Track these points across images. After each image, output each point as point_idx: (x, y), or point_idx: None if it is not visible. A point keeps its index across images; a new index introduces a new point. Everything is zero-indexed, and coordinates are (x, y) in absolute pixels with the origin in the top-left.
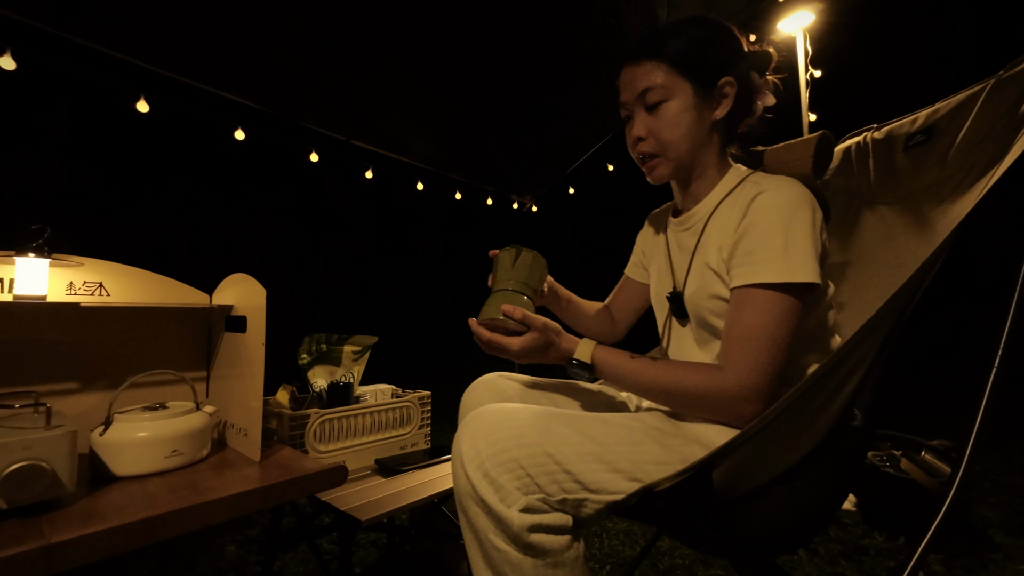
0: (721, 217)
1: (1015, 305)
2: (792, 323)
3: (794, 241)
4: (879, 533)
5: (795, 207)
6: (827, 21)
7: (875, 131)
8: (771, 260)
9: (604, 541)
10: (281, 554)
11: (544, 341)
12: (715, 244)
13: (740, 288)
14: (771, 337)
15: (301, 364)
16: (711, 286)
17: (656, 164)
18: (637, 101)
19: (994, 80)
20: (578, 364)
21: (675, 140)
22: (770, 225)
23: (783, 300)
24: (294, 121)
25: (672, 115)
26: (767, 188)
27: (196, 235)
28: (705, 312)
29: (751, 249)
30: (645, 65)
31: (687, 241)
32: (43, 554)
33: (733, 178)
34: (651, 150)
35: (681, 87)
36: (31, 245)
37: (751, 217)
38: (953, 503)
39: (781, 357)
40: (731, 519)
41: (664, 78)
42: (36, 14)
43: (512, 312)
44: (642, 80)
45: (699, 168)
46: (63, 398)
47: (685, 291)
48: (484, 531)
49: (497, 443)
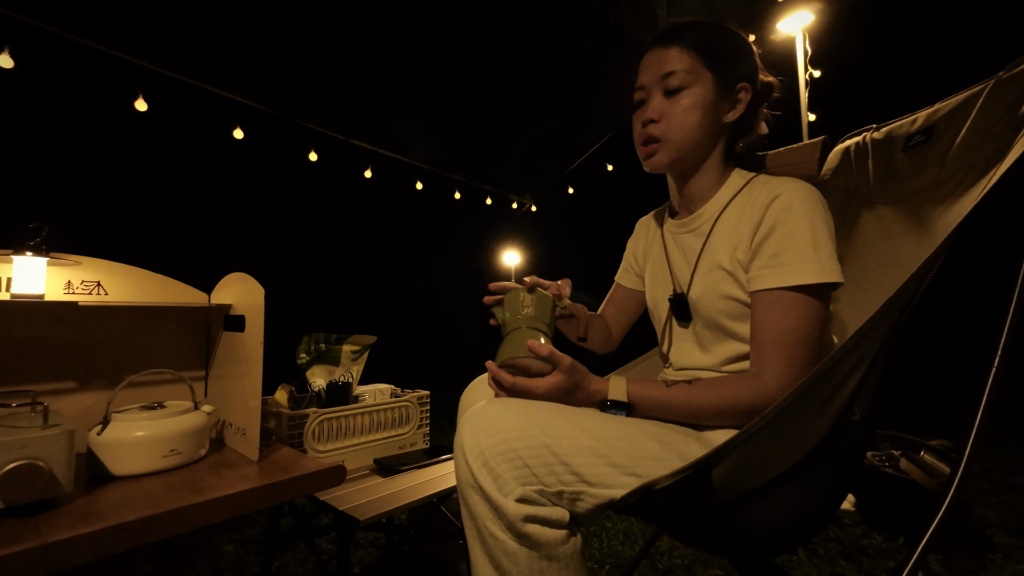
0: (731, 218)
1: (1015, 305)
2: (824, 322)
3: (821, 242)
4: (878, 533)
5: (814, 207)
6: (826, 21)
7: (874, 131)
8: (802, 261)
9: (603, 541)
10: (280, 554)
11: (571, 383)
12: (727, 245)
13: (769, 291)
14: (809, 338)
15: (300, 363)
16: (722, 287)
17: (656, 149)
18: (657, 83)
19: (994, 81)
20: (613, 405)
21: (685, 128)
22: (795, 226)
23: (815, 302)
24: (293, 120)
25: (689, 103)
26: (784, 190)
27: (195, 234)
28: (716, 313)
29: (779, 251)
30: (673, 49)
31: (690, 242)
32: (40, 553)
33: (738, 179)
34: (659, 134)
35: (704, 78)
36: (29, 244)
37: (773, 218)
38: (952, 503)
39: (817, 356)
40: (730, 519)
41: (690, 64)
42: (34, 12)
43: (539, 349)
44: (667, 63)
45: (700, 166)
46: (61, 397)
47: (691, 293)
48: (482, 519)
49: (497, 435)
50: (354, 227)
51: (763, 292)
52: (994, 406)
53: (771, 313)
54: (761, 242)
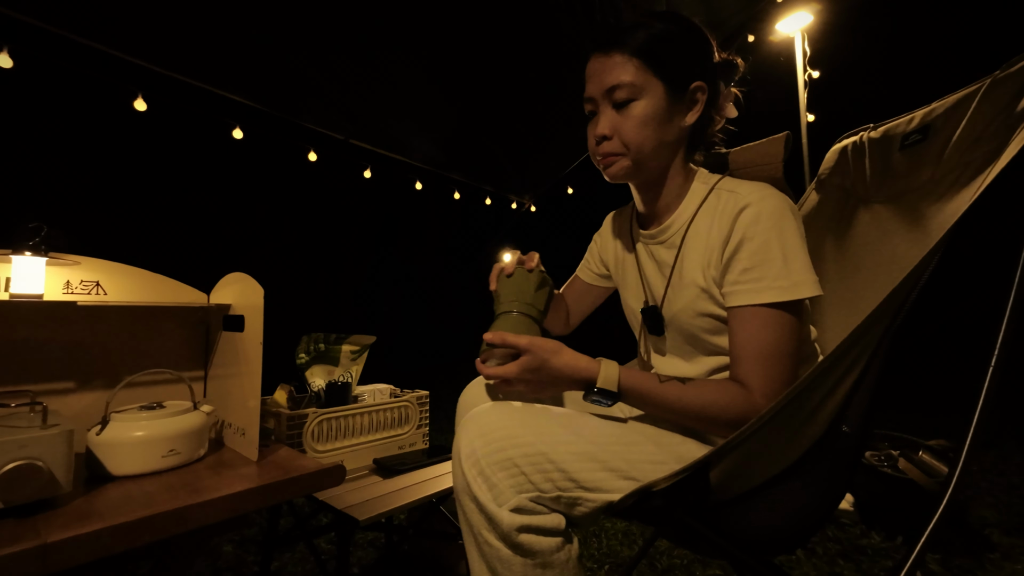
0: (700, 230)
1: (1012, 304)
2: (801, 333)
3: (792, 255)
4: (877, 533)
5: (783, 217)
6: (825, 22)
7: (871, 130)
8: (774, 278)
9: (602, 541)
10: (279, 554)
11: (535, 363)
12: (698, 261)
13: (743, 307)
14: (787, 351)
15: (299, 364)
16: (699, 304)
17: (613, 161)
18: (605, 97)
19: (990, 80)
20: (600, 392)
21: (641, 142)
22: (765, 239)
23: (791, 315)
24: (293, 120)
25: (641, 115)
26: (752, 199)
27: (194, 234)
28: (696, 330)
29: (749, 267)
30: (616, 57)
31: (662, 255)
32: (39, 554)
33: (701, 185)
34: (614, 150)
35: (653, 86)
36: (27, 243)
37: (741, 232)
38: (950, 503)
39: (795, 367)
40: (729, 519)
41: (635, 75)
42: (33, 12)
43: (492, 339)
44: (612, 75)
45: (662, 174)
46: (60, 397)
47: (666, 307)
48: (478, 527)
49: (493, 443)
50: (353, 227)
51: (738, 308)
52: (992, 405)
53: (748, 329)
54: (731, 257)
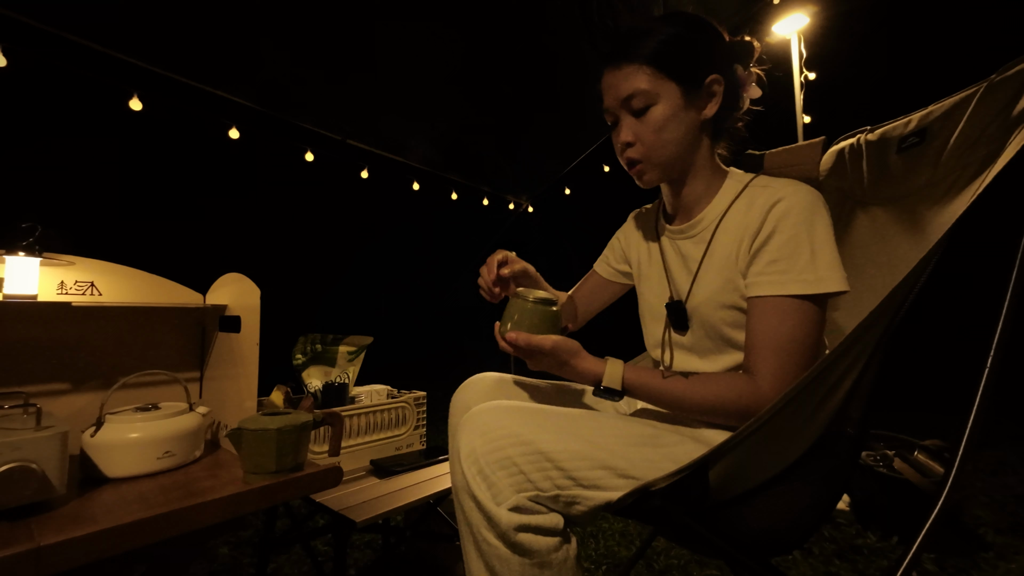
0: (732, 225)
1: (1007, 305)
2: (820, 329)
3: (820, 250)
4: (873, 532)
5: (815, 213)
6: (821, 24)
7: (869, 133)
8: (800, 271)
9: (600, 541)
10: (275, 556)
11: (567, 352)
12: (729, 253)
13: (765, 298)
14: (803, 345)
15: (296, 364)
16: (724, 296)
17: (643, 170)
18: (622, 107)
19: (987, 83)
20: (606, 391)
21: (664, 145)
22: (794, 233)
23: (812, 309)
24: (289, 120)
25: (660, 119)
26: (785, 194)
27: (189, 234)
28: (718, 323)
29: (776, 259)
30: (626, 69)
31: (690, 250)
32: (32, 557)
33: (735, 183)
34: (639, 156)
35: (667, 89)
36: (21, 244)
37: (772, 224)
38: (946, 503)
39: (811, 362)
40: (727, 519)
41: (648, 82)
42: (27, 10)
43: (516, 340)
44: (625, 85)
45: (690, 170)
46: (54, 399)
47: (690, 301)
48: (477, 525)
49: (492, 442)
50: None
51: (759, 299)
52: (988, 406)
53: (767, 320)
54: (760, 248)
